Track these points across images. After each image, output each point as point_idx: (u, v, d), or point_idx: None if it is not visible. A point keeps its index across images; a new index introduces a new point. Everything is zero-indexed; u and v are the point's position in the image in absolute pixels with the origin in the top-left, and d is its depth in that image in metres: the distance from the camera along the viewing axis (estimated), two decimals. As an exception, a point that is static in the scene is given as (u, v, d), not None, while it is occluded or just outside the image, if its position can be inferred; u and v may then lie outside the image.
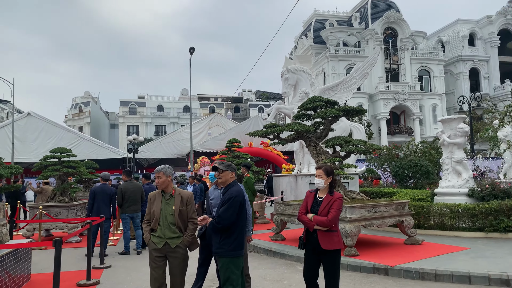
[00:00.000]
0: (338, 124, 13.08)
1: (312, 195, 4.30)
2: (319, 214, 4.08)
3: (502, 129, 16.55)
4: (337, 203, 4.07)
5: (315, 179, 4.23)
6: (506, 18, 43.82)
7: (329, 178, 4.18)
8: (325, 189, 4.21)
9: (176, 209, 4.22)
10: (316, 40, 45.11)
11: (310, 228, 4.10)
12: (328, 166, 4.29)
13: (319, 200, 4.21)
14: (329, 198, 4.14)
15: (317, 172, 4.22)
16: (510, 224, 8.21)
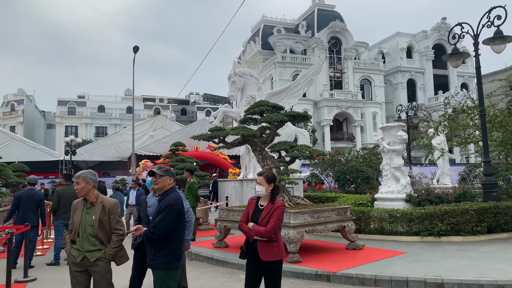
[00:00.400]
0: (284, 129, 13.11)
1: (254, 202, 4.11)
2: (260, 223, 3.88)
3: (436, 138, 17.54)
4: (277, 213, 3.87)
5: (256, 187, 4.03)
6: (439, 33, 47.04)
7: (270, 185, 3.98)
8: (267, 197, 4.02)
9: (95, 219, 3.80)
10: (264, 46, 45.56)
11: (249, 238, 3.90)
12: (270, 173, 4.10)
13: (260, 208, 4.00)
14: (270, 206, 3.94)
15: (258, 179, 4.02)
16: (443, 228, 8.59)
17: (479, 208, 8.75)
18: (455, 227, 8.64)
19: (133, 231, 3.92)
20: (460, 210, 8.67)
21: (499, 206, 8.88)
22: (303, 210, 7.40)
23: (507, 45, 9.47)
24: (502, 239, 8.74)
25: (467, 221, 8.66)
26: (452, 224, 8.62)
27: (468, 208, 8.71)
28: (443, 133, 17.54)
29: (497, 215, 8.87)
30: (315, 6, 45.53)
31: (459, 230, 8.67)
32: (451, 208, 8.69)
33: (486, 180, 9.64)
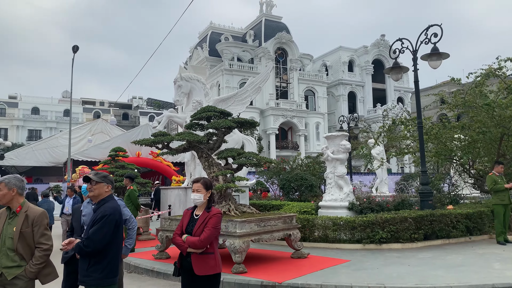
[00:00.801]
0: (231, 136, 12.92)
1: (189, 213, 3.80)
2: (194, 234, 3.57)
3: (376, 148, 18.29)
4: (212, 221, 3.58)
5: (192, 195, 3.73)
6: (379, 49, 49.71)
7: (208, 192, 3.74)
8: (203, 205, 3.74)
9: (16, 231, 3.35)
10: (212, 53, 45.33)
11: (183, 251, 3.59)
12: (207, 179, 3.84)
13: (195, 218, 3.71)
14: (206, 215, 3.65)
15: (195, 186, 3.72)
16: (384, 236, 8.84)
17: (416, 216, 9.12)
18: (395, 235, 8.93)
19: (64, 245, 3.52)
20: (399, 218, 8.98)
21: (434, 214, 9.32)
22: (250, 219, 7.24)
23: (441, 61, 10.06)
24: (437, 246, 9.16)
25: (406, 228, 8.98)
26: (392, 232, 8.89)
27: (406, 216, 9.04)
28: (382, 143, 18.35)
29: (433, 223, 9.29)
30: (263, 16, 46.20)
31: (399, 238, 8.96)
32: (391, 216, 8.97)
33: (422, 189, 10.11)
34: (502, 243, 9.17)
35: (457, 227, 9.62)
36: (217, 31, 47.65)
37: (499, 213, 9.27)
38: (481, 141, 10.98)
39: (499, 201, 9.25)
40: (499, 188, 9.20)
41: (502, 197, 9.17)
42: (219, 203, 7.99)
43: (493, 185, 9.30)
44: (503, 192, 9.17)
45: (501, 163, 9.63)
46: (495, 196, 9.42)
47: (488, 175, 9.52)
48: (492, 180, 9.33)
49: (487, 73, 10.09)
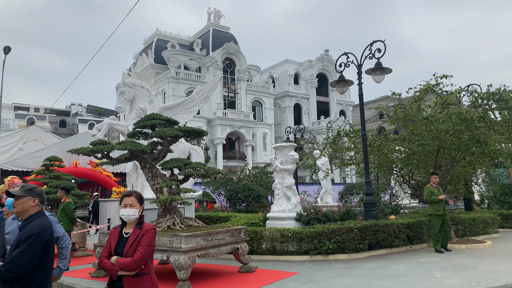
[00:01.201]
0: (178, 145, 12.49)
1: (117, 231, 3.38)
2: (125, 255, 3.18)
3: (321, 158, 18.67)
4: (147, 238, 3.22)
5: (123, 211, 3.32)
6: (323, 64, 51.44)
7: (141, 206, 3.38)
8: (134, 222, 3.34)
9: None
10: (157, 60, 44.28)
11: (113, 275, 3.18)
12: (139, 193, 3.48)
13: (125, 236, 3.30)
14: (137, 232, 3.26)
15: (129, 201, 3.31)
16: (331, 247, 8.87)
17: (362, 227, 9.27)
18: (341, 245, 9.00)
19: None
20: (345, 228, 9.07)
21: (378, 224, 9.54)
22: (196, 233, 6.90)
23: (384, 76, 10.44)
24: (381, 255, 9.36)
25: (352, 239, 9.09)
26: (338, 243, 8.96)
27: (352, 227, 9.16)
28: (327, 154, 18.77)
29: (377, 233, 9.50)
30: (211, 26, 46.05)
31: (345, 248, 9.05)
32: (338, 227, 9.04)
33: (367, 200, 10.35)
34: (439, 251, 9.58)
35: (399, 237, 9.92)
36: (164, 38, 46.70)
37: (435, 223, 9.70)
38: (420, 153, 11.50)
39: (435, 212, 9.69)
40: (434, 199, 9.64)
41: (438, 208, 9.61)
42: (163, 216, 7.57)
43: (429, 196, 9.73)
44: (438, 203, 9.61)
45: (436, 174, 10.12)
46: (431, 206, 9.86)
47: (426, 186, 9.96)
48: (429, 191, 9.76)
49: (425, 88, 10.63)
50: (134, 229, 3.30)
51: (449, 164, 11.65)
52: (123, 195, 3.39)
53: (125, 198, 3.34)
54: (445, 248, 9.69)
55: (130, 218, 3.31)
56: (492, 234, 12.63)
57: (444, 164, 11.70)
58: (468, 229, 11.84)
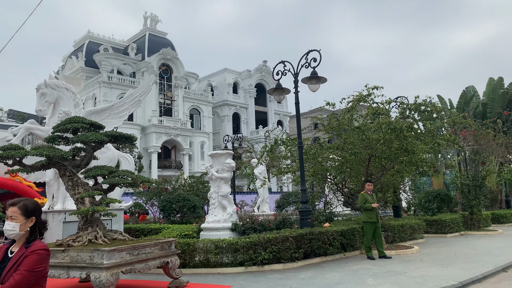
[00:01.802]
0: (105, 153, 11.68)
1: (4, 249, 2.81)
2: (2, 280, 2.61)
3: (258, 167, 18.57)
4: (29, 261, 2.60)
5: (5, 224, 2.73)
6: (261, 74, 52.10)
7: (29, 220, 2.75)
8: (22, 238, 2.77)
9: None
10: (88, 63, 41.94)
11: None
12: (30, 202, 2.83)
13: (9, 256, 2.72)
14: (22, 252, 2.67)
15: (9, 212, 2.72)
16: (266, 257, 8.64)
17: (297, 235, 9.17)
18: (277, 255, 8.82)
19: None
20: (281, 237, 8.91)
21: (313, 232, 9.51)
22: (120, 247, 6.30)
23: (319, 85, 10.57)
24: (316, 264, 9.32)
25: (287, 248, 8.95)
26: (274, 252, 8.76)
27: (288, 235, 9.02)
28: (264, 163, 18.72)
29: (312, 241, 9.46)
30: (147, 31, 44.68)
31: (280, 258, 8.87)
32: (273, 236, 8.85)
33: (302, 208, 10.31)
34: (371, 258, 9.76)
35: (333, 244, 9.98)
36: (96, 41, 44.44)
37: (368, 230, 9.90)
38: (352, 162, 11.78)
39: (368, 219, 9.90)
40: (367, 207, 9.86)
41: (371, 215, 9.84)
42: (84, 229, 6.85)
43: (363, 203, 9.93)
44: (371, 211, 9.84)
45: (370, 181, 10.38)
46: (364, 214, 10.07)
47: (360, 193, 10.16)
48: (363, 198, 9.96)
49: (358, 98, 10.92)
50: (20, 248, 2.71)
51: (380, 172, 12.05)
52: (8, 204, 2.78)
53: (10, 208, 2.75)
54: (384, 255, 9.82)
55: (9, 234, 2.71)
56: (418, 239, 13.25)
57: (375, 172, 12.07)
58: (397, 235, 12.29)
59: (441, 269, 8.22)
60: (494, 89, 28.21)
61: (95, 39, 44.70)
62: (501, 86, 28.52)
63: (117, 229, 11.66)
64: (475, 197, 16.05)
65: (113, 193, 12.71)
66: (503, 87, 28.49)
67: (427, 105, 10.27)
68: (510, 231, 16.57)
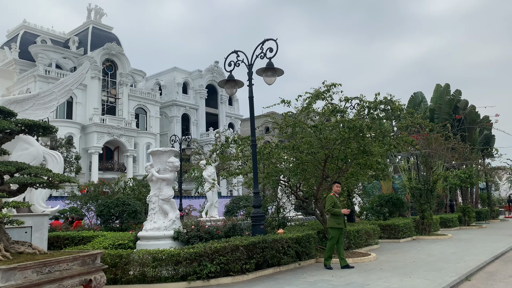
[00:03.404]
0: (27, 149, 10.00)
1: None
2: None
3: (207, 169, 17.37)
4: None
5: None
6: (212, 75, 50.75)
7: None
8: None
9: None
10: (23, 55, 38.41)
11: None
12: None
13: None
14: None
15: None
16: (213, 270, 7.51)
17: (249, 244, 8.13)
18: (225, 267, 7.72)
19: None
20: (230, 247, 7.82)
21: (267, 240, 8.51)
22: (24, 264, 4.89)
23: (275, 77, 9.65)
24: (269, 275, 8.33)
25: (237, 259, 7.88)
26: (222, 264, 7.66)
27: (238, 244, 7.95)
28: (214, 164, 17.54)
29: (265, 250, 8.46)
30: (90, 24, 41.84)
31: (229, 270, 7.78)
32: (222, 245, 7.75)
33: (255, 212, 9.29)
34: (329, 267, 8.94)
35: (288, 253, 9.06)
36: (32, 32, 40.90)
37: (335, 236, 9.01)
38: (309, 163, 10.96)
39: (336, 225, 9.00)
40: (336, 211, 8.97)
41: (339, 221, 8.97)
42: (-23, 241, 5.35)
43: (331, 207, 9.02)
44: (339, 216, 8.99)
45: (338, 183, 9.52)
46: (332, 219, 9.12)
47: (329, 196, 9.25)
48: (332, 202, 9.05)
49: (316, 94, 10.12)
50: None
51: (336, 175, 11.33)
52: None
53: None
54: (347, 265, 8.96)
55: None
56: (373, 245, 12.72)
57: (331, 174, 11.35)
58: (353, 241, 11.64)
59: (404, 280, 7.54)
60: (441, 95, 29.05)
61: (32, 30, 41.12)
62: (447, 93, 29.44)
63: (40, 238, 9.98)
64: (427, 201, 15.93)
65: (36, 195, 10.97)
66: (449, 94, 29.45)
67: (387, 103, 9.68)
68: (458, 235, 16.66)
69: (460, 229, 20.13)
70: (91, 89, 37.78)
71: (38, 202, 10.62)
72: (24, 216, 9.77)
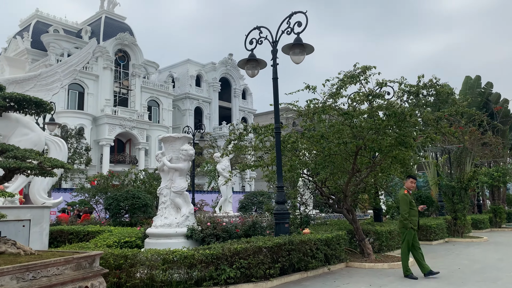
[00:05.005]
0: (27, 134, 9.09)
1: None
2: None
3: (222, 161, 16.34)
4: None
5: None
6: (226, 68, 49.61)
7: None
8: None
9: None
10: (35, 45, 37.78)
11: None
12: None
13: None
14: None
15: None
16: (232, 275, 6.43)
17: (273, 245, 7.03)
18: (246, 272, 6.63)
19: None
20: (253, 248, 6.73)
21: (293, 242, 7.39)
22: (3, 269, 3.86)
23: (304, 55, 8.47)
24: (295, 282, 7.22)
25: (260, 262, 6.78)
26: (242, 268, 6.57)
27: (261, 246, 6.86)
28: (229, 156, 16.47)
29: (291, 253, 7.35)
30: (103, 13, 41.05)
31: (250, 275, 6.69)
32: (243, 247, 6.65)
33: (278, 209, 8.15)
34: (412, 276, 7.46)
35: (317, 256, 7.93)
36: (45, 21, 40.25)
37: (409, 240, 7.66)
38: (337, 155, 9.76)
39: (410, 225, 7.64)
40: (413, 213, 7.66)
41: (414, 222, 7.66)
42: None
43: (406, 207, 7.68)
44: (415, 216, 7.70)
45: (413, 178, 8.20)
46: (405, 219, 7.71)
47: (402, 194, 7.88)
48: (407, 202, 7.72)
49: (350, 76, 8.88)
50: None
51: (367, 169, 10.12)
52: None
53: None
54: (431, 271, 7.58)
55: None
56: (405, 247, 11.49)
57: (362, 168, 10.14)
58: (384, 243, 10.48)
59: (460, 292, 6.35)
60: (471, 87, 27.26)
61: (44, 19, 40.50)
62: (478, 85, 27.66)
63: (39, 232, 9.01)
64: (460, 200, 14.60)
65: (37, 186, 10.07)
66: (480, 86, 27.65)
67: (433, 86, 8.41)
68: (493, 237, 15.30)
69: (492, 231, 18.72)
70: (103, 80, 37.03)
71: (38, 192, 9.66)
72: (22, 208, 8.85)
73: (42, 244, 8.73)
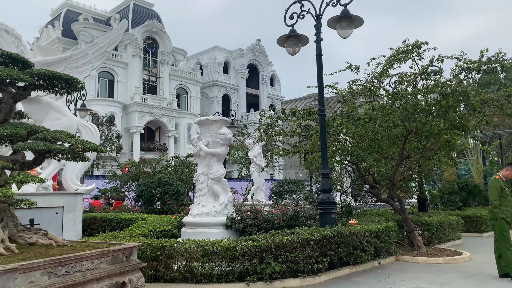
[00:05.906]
0: (59, 119, 8.88)
1: None
2: None
3: (254, 148, 15.77)
4: None
5: None
6: (254, 54, 48.78)
7: None
8: None
9: None
10: (66, 33, 38.13)
11: None
12: None
13: None
14: None
15: None
16: (278, 269, 5.87)
17: (321, 237, 6.39)
18: (292, 266, 6.05)
19: None
20: (299, 241, 6.13)
21: (342, 234, 6.74)
22: (30, 264, 3.40)
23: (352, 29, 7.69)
24: (344, 277, 6.59)
25: (307, 256, 6.18)
26: (289, 262, 5.99)
27: (309, 238, 6.25)
28: (261, 143, 15.91)
29: (340, 246, 6.71)
30: (131, 0, 40.93)
31: (297, 270, 6.11)
32: (289, 239, 6.06)
33: (323, 198, 7.50)
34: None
35: (366, 250, 7.25)
36: (75, 10, 40.52)
37: (505, 231, 6.60)
38: (385, 139, 8.97)
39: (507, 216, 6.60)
40: (506, 203, 6.58)
41: (508, 213, 6.57)
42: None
43: (497, 194, 6.61)
44: (508, 206, 6.67)
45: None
46: (494, 207, 6.64)
47: (493, 179, 6.83)
48: (497, 188, 6.62)
49: (403, 50, 8.03)
50: None
51: (418, 155, 9.27)
52: None
53: None
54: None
55: None
56: (456, 240, 10.67)
57: (412, 154, 9.31)
58: (435, 235, 9.66)
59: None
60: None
61: (74, 8, 40.78)
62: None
63: (73, 220, 8.75)
64: (512, 190, 13.45)
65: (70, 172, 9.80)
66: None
67: (498, 61, 7.47)
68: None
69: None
70: (132, 68, 37.03)
71: (71, 179, 9.38)
72: (55, 195, 8.58)
73: (75, 232, 8.45)
